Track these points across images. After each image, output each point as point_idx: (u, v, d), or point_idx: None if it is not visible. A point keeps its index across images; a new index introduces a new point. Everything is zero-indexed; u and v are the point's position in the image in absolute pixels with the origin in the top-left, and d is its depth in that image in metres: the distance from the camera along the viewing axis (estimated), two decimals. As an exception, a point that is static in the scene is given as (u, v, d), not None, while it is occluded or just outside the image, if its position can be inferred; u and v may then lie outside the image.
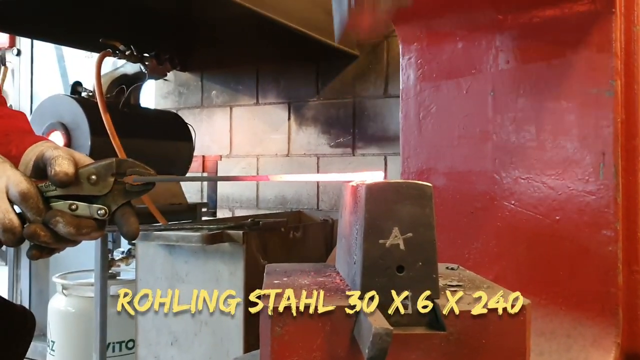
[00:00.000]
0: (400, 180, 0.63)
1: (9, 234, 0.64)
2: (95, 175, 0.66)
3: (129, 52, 1.88)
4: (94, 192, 0.66)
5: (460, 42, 1.00)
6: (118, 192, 0.67)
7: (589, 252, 0.87)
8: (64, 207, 0.66)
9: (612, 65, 0.87)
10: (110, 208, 0.67)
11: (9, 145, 0.76)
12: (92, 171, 0.66)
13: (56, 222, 0.64)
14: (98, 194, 0.67)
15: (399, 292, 0.60)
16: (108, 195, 0.67)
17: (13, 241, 0.65)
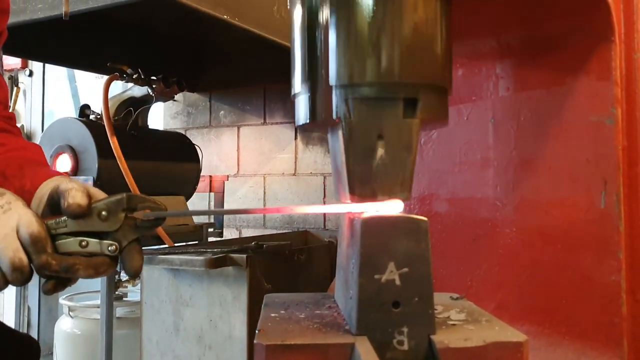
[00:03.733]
0: (396, 214, 0.63)
1: (17, 273, 0.64)
2: (106, 210, 0.66)
3: (136, 76, 1.91)
4: (105, 228, 0.66)
5: (460, 69, 1.01)
6: (129, 227, 0.67)
7: (592, 281, 0.86)
8: (74, 243, 0.66)
9: (612, 93, 0.87)
10: (120, 244, 0.67)
11: (23, 179, 0.77)
12: (103, 207, 0.66)
13: (76, 269, 0.64)
14: (108, 230, 0.66)
15: (395, 328, 0.60)
16: (119, 231, 0.67)
17: (20, 280, 0.65)
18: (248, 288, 1.41)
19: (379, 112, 0.61)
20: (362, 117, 0.61)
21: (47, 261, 0.64)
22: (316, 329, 0.63)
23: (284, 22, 1.71)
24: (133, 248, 0.67)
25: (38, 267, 0.64)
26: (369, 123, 0.61)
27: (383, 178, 0.61)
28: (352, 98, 0.61)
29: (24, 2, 1.55)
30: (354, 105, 0.61)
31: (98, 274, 0.66)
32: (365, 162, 0.61)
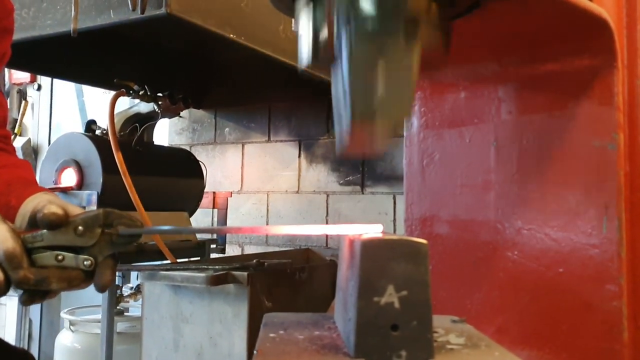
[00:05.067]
0: (396, 236, 0.63)
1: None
2: (83, 225, 0.67)
3: (142, 92, 1.92)
4: (81, 243, 0.67)
5: (462, 92, 1.01)
6: (105, 243, 0.67)
7: (593, 306, 0.86)
8: (50, 257, 0.66)
9: (614, 118, 0.87)
10: (96, 259, 0.67)
11: (9, 196, 0.77)
12: (80, 222, 0.67)
13: (49, 281, 0.65)
14: (84, 245, 0.67)
15: (393, 352, 0.59)
16: (95, 246, 0.67)
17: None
18: (249, 306, 1.41)
19: (380, 35, 0.61)
20: (364, 40, 0.60)
21: (24, 276, 0.64)
22: (314, 351, 0.63)
23: (290, 42, 1.73)
24: (106, 264, 0.67)
25: (15, 282, 0.64)
26: (371, 46, 0.60)
27: (384, 99, 0.60)
28: (354, 22, 0.61)
29: (33, 18, 1.58)
30: (355, 30, 0.61)
31: (71, 287, 0.66)
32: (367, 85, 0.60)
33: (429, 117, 1.06)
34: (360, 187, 2.34)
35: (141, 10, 1.34)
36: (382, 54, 0.60)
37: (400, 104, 0.61)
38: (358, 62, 0.60)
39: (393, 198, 2.27)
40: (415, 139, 1.08)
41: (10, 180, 0.81)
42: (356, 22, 0.60)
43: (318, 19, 0.65)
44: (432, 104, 1.04)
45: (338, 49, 0.62)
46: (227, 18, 1.53)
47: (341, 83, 0.62)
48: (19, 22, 1.56)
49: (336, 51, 0.63)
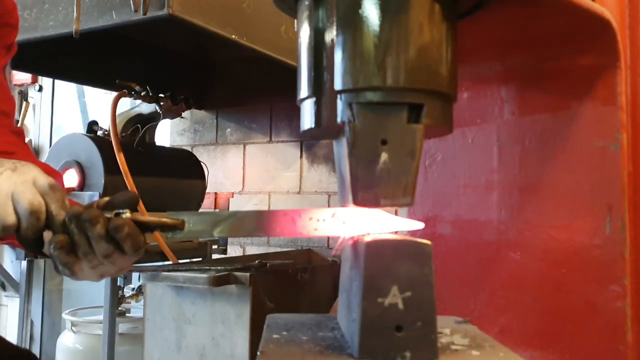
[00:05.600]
0: (400, 237, 0.63)
1: (33, 217, 0.62)
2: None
3: (144, 93, 1.92)
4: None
5: (465, 92, 1.01)
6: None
7: (597, 307, 0.85)
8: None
9: (617, 119, 0.87)
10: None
11: None
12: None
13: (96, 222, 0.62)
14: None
15: (397, 353, 0.59)
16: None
17: (35, 227, 0.62)
18: (251, 307, 1.41)
19: (383, 117, 0.61)
20: (367, 122, 0.61)
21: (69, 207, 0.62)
22: (318, 352, 0.63)
23: (292, 42, 1.73)
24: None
25: (56, 212, 0.62)
26: (373, 128, 0.61)
27: (386, 183, 0.61)
28: (356, 103, 0.61)
29: (35, 19, 1.58)
30: (358, 110, 0.61)
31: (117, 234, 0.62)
32: (369, 166, 0.61)
33: (431, 118, 1.05)
34: (361, 188, 2.34)
35: (143, 11, 1.34)
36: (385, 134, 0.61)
37: (402, 194, 0.62)
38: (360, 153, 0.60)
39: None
40: (417, 139, 1.08)
41: None
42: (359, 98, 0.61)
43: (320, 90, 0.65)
44: (435, 105, 1.04)
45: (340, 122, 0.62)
46: (229, 18, 1.53)
47: (343, 165, 0.63)
48: (21, 23, 1.55)
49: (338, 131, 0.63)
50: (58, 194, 0.63)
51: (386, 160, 0.61)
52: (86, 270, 0.66)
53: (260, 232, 0.66)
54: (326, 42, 0.64)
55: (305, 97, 0.67)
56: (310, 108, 0.66)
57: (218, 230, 0.66)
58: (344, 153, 0.63)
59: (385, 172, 0.61)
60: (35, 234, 0.64)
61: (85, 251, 0.63)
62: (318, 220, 0.65)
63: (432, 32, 0.62)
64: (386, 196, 0.61)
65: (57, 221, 0.64)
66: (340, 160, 0.67)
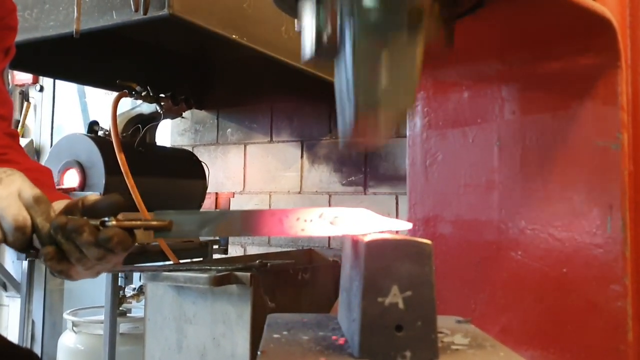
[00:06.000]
0: (400, 236, 0.63)
1: (19, 232, 0.62)
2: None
3: (145, 93, 1.92)
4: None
5: (466, 91, 1.01)
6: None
7: (597, 306, 0.85)
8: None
9: (618, 118, 0.87)
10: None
11: None
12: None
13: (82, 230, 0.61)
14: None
15: (397, 352, 0.59)
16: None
17: (21, 241, 0.63)
18: (252, 306, 1.41)
19: (383, 27, 0.60)
20: (367, 28, 0.60)
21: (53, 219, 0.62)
22: (319, 352, 0.63)
23: (292, 42, 1.73)
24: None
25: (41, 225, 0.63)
26: (374, 33, 0.60)
27: (388, 87, 0.60)
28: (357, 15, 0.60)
29: (36, 19, 1.58)
30: (358, 17, 0.60)
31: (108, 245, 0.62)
32: (371, 72, 0.60)
33: (432, 117, 1.06)
34: (362, 188, 2.34)
35: (144, 11, 1.34)
36: (385, 45, 0.60)
37: (403, 95, 0.61)
38: (362, 53, 0.60)
39: (395, 198, 2.27)
40: (418, 139, 1.08)
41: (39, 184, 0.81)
42: (359, 15, 0.60)
43: (321, 13, 0.64)
44: (435, 104, 1.04)
45: (341, 42, 0.62)
46: (229, 19, 1.53)
47: (344, 75, 0.62)
48: (21, 23, 1.56)
49: (339, 44, 0.63)
50: (43, 206, 0.63)
51: (387, 65, 0.60)
52: (81, 272, 0.67)
53: (248, 231, 0.66)
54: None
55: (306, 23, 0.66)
56: (310, 30, 0.65)
57: (206, 230, 0.66)
58: (344, 71, 0.62)
59: (387, 77, 0.60)
60: (23, 246, 0.64)
61: (77, 257, 0.64)
62: (305, 220, 0.65)
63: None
64: (388, 100, 0.60)
65: (43, 233, 0.64)
66: (341, 82, 0.66)
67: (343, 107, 0.64)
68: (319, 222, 0.65)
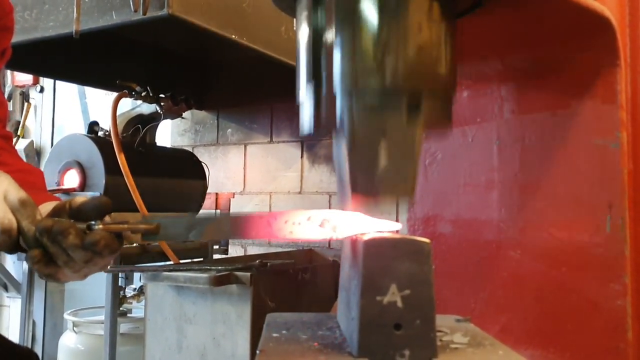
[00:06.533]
0: (399, 235, 0.63)
1: (5, 235, 0.63)
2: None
3: (145, 93, 1.93)
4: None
5: (465, 91, 1.01)
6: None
7: (597, 305, 0.85)
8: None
9: (617, 117, 0.87)
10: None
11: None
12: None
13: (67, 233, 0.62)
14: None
15: (396, 351, 0.59)
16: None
17: (7, 244, 0.63)
18: (252, 306, 1.41)
19: (382, 117, 0.61)
20: (366, 122, 0.61)
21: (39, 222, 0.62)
22: (317, 351, 0.63)
23: (292, 42, 1.73)
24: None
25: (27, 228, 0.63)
26: (372, 127, 0.61)
27: (387, 180, 0.61)
28: (355, 104, 0.61)
29: (35, 20, 1.58)
30: (357, 110, 0.61)
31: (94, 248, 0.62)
32: (369, 165, 0.60)
33: (431, 117, 1.05)
34: (362, 188, 2.34)
35: (143, 11, 1.34)
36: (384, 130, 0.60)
37: (403, 183, 0.61)
38: (359, 140, 0.60)
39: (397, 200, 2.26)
40: (417, 138, 1.08)
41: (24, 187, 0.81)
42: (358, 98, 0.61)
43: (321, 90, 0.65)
44: (435, 103, 1.04)
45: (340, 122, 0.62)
46: (229, 19, 1.53)
47: (343, 157, 0.63)
48: (21, 24, 1.56)
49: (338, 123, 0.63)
50: (29, 209, 0.63)
51: (386, 157, 0.61)
52: (69, 274, 0.66)
53: (237, 235, 0.66)
54: (325, 43, 0.64)
55: (304, 98, 0.67)
56: (309, 109, 0.66)
57: (193, 233, 0.66)
58: (343, 154, 0.63)
59: (385, 168, 0.61)
60: (9, 248, 0.64)
61: (64, 260, 0.64)
62: (294, 223, 0.65)
63: (430, 31, 0.62)
64: (386, 194, 0.61)
65: (29, 236, 0.64)
66: (340, 161, 0.67)
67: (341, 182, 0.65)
68: (308, 225, 0.65)
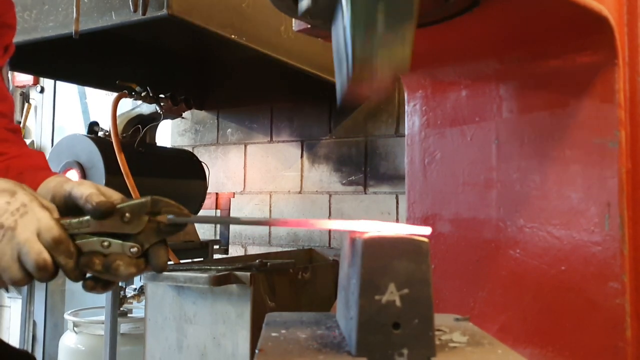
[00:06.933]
0: (397, 235, 0.63)
1: (43, 272, 0.64)
2: (130, 212, 0.66)
3: (144, 94, 1.93)
4: (128, 230, 0.66)
5: (464, 90, 1.01)
6: (151, 230, 0.67)
7: (596, 304, 0.85)
8: (96, 243, 0.66)
9: (616, 116, 0.87)
10: (142, 246, 0.66)
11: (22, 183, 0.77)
12: (127, 209, 0.66)
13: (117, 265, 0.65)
14: (131, 232, 0.66)
15: (395, 350, 0.59)
16: (141, 234, 0.66)
17: (48, 278, 0.66)
18: (252, 306, 1.41)
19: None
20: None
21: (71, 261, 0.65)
22: (316, 350, 0.63)
23: (291, 42, 1.73)
24: (159, 247, 0.67)
25: (64, 262, 0.65)
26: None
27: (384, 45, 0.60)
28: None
29: (35, 20, 1.58)
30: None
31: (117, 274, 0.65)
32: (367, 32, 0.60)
33: (430, 116, 1.06)
34: (362, 187, 2.34)
35: (142, 11, 1.34)
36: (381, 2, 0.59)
37: (401, 46, 0.60)
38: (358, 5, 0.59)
39: (396, 198, 2.26)
40: (416, 137, 1.08)
41: (23, 169, 0.81)
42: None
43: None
44: (434, 103, 1.04)
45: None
46: (229, 19, 1.53)
47: (342, 27, 0.62)
48: (21, 24, 1.56)
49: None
50: (63, 246, 0.65)
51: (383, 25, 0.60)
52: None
53: None
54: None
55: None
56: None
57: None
58: (340, 26, 0.62)
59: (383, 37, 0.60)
60: (49, 279, 0.66)
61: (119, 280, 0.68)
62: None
63: None
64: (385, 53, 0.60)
65: (67, 269, 0.66)
66: (338, 32, 0.65)
67: (340, 61, 0.63)
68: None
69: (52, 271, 0.65)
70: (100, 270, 0.65)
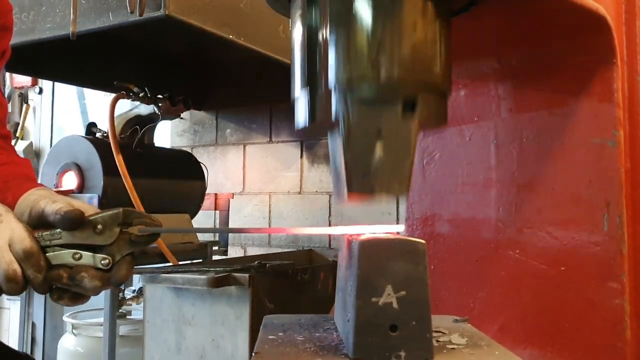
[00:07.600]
0: (394, 236, 0.62)
1: (12, 283, 0.65)
2: (102, 224, 0.66)
3: (142, 94, 1.92)
4: (99, 242, 0.67)
5: (462, 90, 1.01)
6: (123, 242, 0.67)
7: (595, 304, 0.85)
8: (67, 255, 0.66)
9: (614, 115, 0.87)
10: (114, 257, 0.67)
11: (6, 193, 0.76)
12: (99, 220, 0.67)
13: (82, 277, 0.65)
14: (103, 244, 0.67)
15: (392, 352, 0.59)
16: (113, 245, 0.67)
17: (16, 290, 0.66)
18: (250, 308, 1.41)
19: (377, 113, 0.60)
20: (361, 116, 0.60)
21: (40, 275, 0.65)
22: (313, 352, 0.63)
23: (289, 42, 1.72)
24: (124, 260, 0.67)
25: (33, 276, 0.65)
26: (368, 123, 0.60)
27: (381, 175, 0.60)
28: (350, 99, 0.61)
29: (32, 22, 1.58)
30: (352, 104, 0.61)
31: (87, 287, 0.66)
32: (364, 160, 0.60)
33: (428, 116, 1.05)
34: (362, 187, 2.33)
35: (140, 12, 1.34)
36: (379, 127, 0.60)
37: (397, 180, 0.61)
38: (354, 137, 0.60)
39: (396, 198, 2.26)
40: (415, 138, 1.07)
41: (7, 177, 0.81)
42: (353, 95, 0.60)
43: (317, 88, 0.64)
44: (432, 103, 1.04)
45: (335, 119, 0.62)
46: (226, 19, 1.53)
47: (339, 152, 0.62)
48: (18, 25, 1.56)
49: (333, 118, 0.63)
50: (33, 259, 0.65)
51: (381, 154, 0.60)
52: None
53: None
54: (319, 40, 0.64)
55: (299, 94, 0.67)
56: (304, 104, 0.65)
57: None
58: (338, 148, 0.63)
59: (380, 165, 0.60)
60: (18, 293, 0.67)
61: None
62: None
63: (425, 30, 0.62)
64: (381, 188, 0.61)
65: (35, 283, 0.66)
66: (335, 156, 0.66)
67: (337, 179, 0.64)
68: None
69: (21, 283, 0.65)
70: (68, 283, 0.66)
